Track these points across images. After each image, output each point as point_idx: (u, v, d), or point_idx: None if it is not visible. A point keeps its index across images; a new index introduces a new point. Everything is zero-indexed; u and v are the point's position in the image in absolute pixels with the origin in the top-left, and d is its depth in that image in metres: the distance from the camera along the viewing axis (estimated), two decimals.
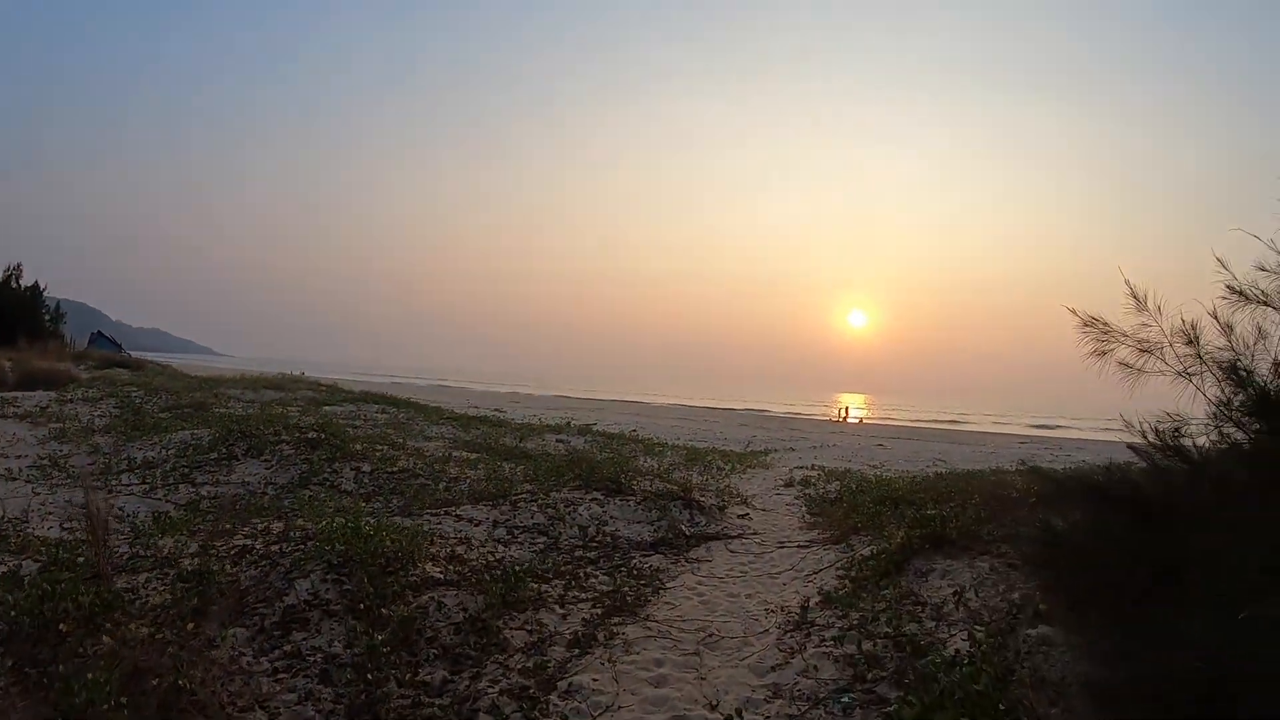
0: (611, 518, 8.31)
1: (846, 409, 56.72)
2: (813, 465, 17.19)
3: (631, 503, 8.80)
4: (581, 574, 6.43)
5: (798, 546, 7.85)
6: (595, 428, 20.41)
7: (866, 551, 6.71)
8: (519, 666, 4.69)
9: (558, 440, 15.00)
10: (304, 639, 4.62)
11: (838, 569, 6.53)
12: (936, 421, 55.30)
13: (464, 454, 11.24)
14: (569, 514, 8.01)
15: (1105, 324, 4.55)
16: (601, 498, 8.83)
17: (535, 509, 7.95)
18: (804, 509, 10.70)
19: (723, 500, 10.51)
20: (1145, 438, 4.42)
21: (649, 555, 7.48)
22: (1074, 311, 4.77)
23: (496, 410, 27.47)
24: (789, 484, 13.45)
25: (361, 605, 4.92)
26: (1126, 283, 4.30)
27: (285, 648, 4.54)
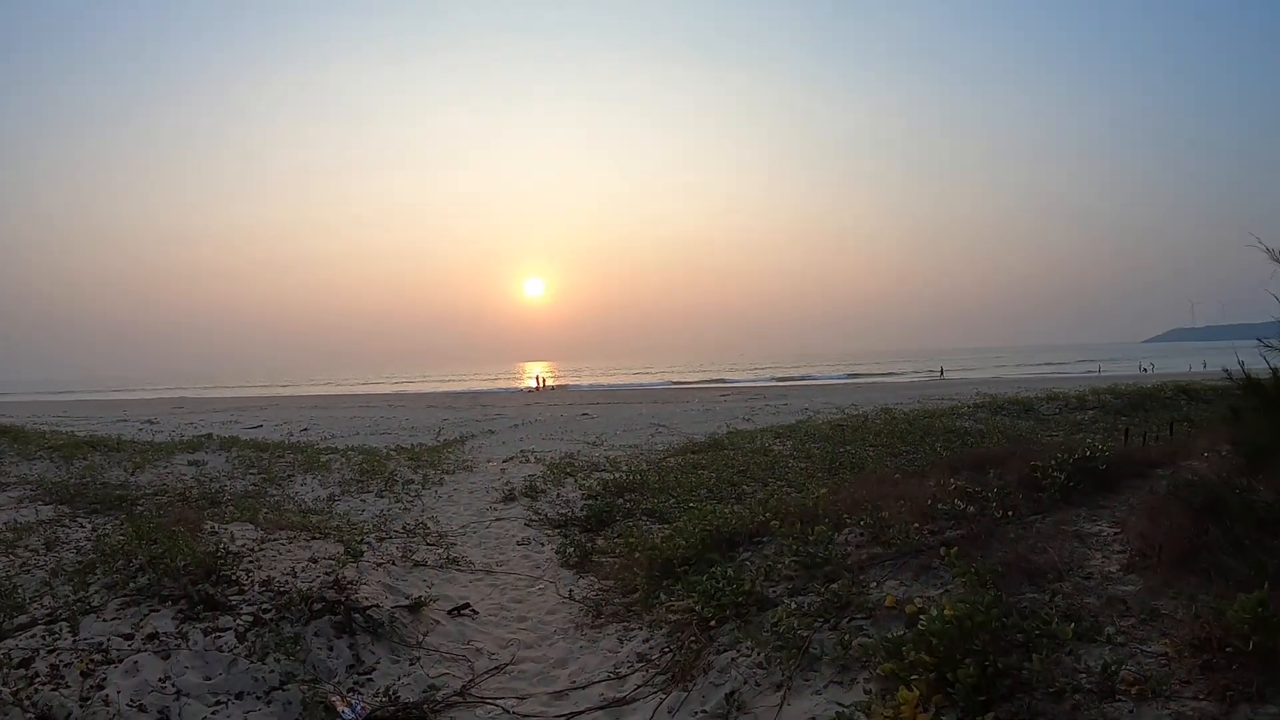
0: (181, 694, 3.83)
1: (540, 378, 54.76)
2: (524, 452, 13.76)
3: (232, 634, 4.42)
4: None
5: None
6: (249, 436, 16.32)
7: None
8: None
9: (190, 462, 11.22)
10: None
11: None
12: (628, 382, 56.24)
13: (23, 516, 7.33)
14: (89, 698, 3.71)
15: None
16: (174, 628, 4.45)
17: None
18: (557, 558, 6.82)
19: (412, 573, 6.16)
20: None
21: None
22: None
23: (149, 421, 23.42)
24: (509, 497, 9.60)
25: None
26: None
27: None
